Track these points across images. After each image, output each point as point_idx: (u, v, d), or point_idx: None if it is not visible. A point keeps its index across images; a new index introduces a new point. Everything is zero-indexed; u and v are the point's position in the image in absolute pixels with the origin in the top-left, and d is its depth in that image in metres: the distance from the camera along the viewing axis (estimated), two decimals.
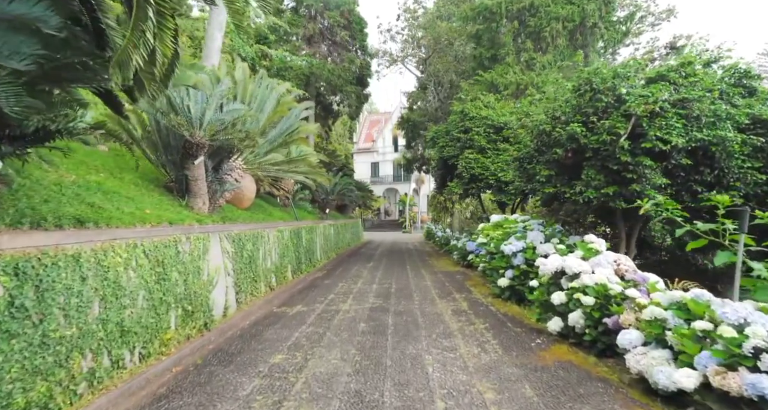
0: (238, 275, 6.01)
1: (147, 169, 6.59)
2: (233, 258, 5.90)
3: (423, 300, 6.76)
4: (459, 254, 11.85)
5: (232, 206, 7.89)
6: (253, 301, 6.45)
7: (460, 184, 10.99)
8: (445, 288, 7.91)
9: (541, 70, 12.89)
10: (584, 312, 4.00)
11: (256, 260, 6.83)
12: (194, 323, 4.59)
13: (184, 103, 5.15)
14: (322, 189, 14.80)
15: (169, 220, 4.65)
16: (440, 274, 9.97)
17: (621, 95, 5.34)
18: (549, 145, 6.09)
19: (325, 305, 6.51)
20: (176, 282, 4.27)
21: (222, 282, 5.49)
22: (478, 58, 14.73)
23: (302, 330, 5.01)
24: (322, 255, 12.48)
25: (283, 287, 7.97)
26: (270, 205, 10.96)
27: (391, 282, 8.67)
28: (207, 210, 6.15)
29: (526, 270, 6.27)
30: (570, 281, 4.40)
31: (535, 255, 6.24)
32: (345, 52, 20.37)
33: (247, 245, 6.45)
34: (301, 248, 9.94)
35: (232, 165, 6.54)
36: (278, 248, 8.19)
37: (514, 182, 6.94)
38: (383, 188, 43.74)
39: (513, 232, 7.38)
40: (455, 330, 4.94)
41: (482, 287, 7.99)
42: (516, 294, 6.46)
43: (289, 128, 6.43)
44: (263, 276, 7.17)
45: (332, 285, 8.50)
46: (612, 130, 5.15)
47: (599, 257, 4.41)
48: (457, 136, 11.25)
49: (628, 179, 5.26)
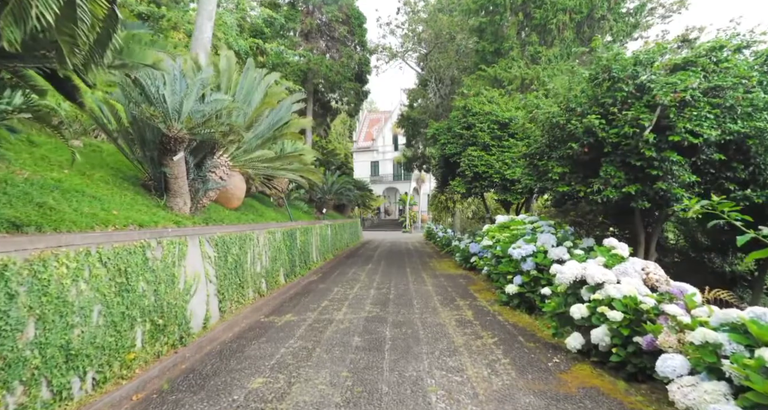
0: (222, 282, 5.49)
1: (126, 165, 6.07)
2: (216, 263, 5.37)
3: (424, 308, 6.24)
4: (461, 256, 11.33)
5: (219, 206, 7.37)
6: (239, 310, 5.93)
7: (463, 182, 10.46)
8: (447, 294, 7.38)
9: (547, 64, 12.36)
10: (610, 328, 3.47)
11: (244, 264, 6.31)
12: (166, 338, 4.07)
13: (159, 91, 4.62)
14: (319, 188, 14.28)
15: (139, 222, 4.12)
16: (442, 278, 9.44)
17: (643, 84, 4.81)
18: (562, 140, 5.56)
19: (317, 314, 5.99)
20: (144, 294, 3.74)
21: (202, 291, 4.97)
22: (481, 52, 14.18)
23: (289, 345, 4.49)
24: (318, 257, 11.96)
25: (275, 292, 7.46)
26: (263, 205, 10.44)
27: (389, 287, 8.15)
28: (188, 210, 5.63)
29: (537, 277, 5.74)
30: (592, 292, 3.88)
31: (546, 259, 5.72)
32: (343, 47, 19.83)
33: (233, 248, 5.93)
34: (295, 250, 9.42)
35: (217, 162, 6.02)
36: (269, 251, 7.67)
37: (523, 180, 6.41)
38: (383, 187, 43.23)
39: (521, 234, 6.85)
40: (461, 345, 4.42)
41: (487, 293, 7.46)
42: (525, 301, 5.94)
43: (279, 121, 5.90)
44: (252, 282, 6.65)
45: (327, 290, 7.98)
46: (635, 121, 4.62)
47: (625, 264, 3.88)
48: (459, 132, 10.72)
49: (652, 176, 4.73)
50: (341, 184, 15.14)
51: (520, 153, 6.25)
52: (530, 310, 5.89)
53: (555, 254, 5.68)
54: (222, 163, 6.06)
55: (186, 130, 5.08)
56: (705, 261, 9.65)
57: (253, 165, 6.30)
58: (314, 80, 18.79)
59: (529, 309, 5.92)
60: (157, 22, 12.10)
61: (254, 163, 6.26)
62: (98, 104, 5.30)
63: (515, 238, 6.79)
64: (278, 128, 5.75)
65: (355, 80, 20.66)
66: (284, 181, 10.29)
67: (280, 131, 5.70)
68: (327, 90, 22.49)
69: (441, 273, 10.24)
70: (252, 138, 6.05)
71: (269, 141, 5.87)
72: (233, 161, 6.25)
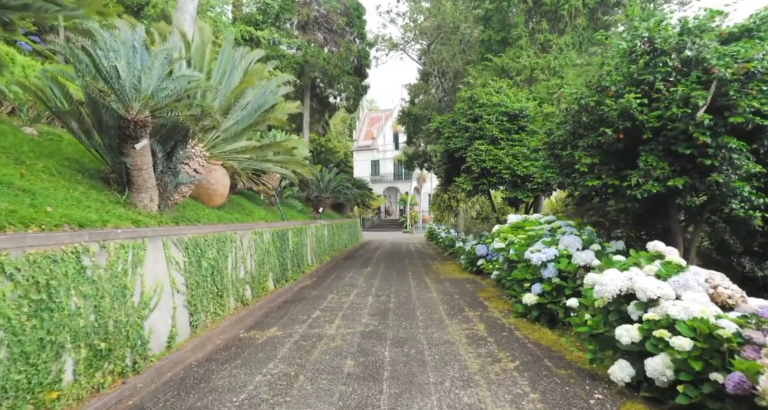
0: (194, 291, 4.70)
1: (87, 156, 5.29)
2: (186, 269, 4.58)
3: (429, 321, 5.45)
4: (467, 259, 10.53)
5: (199, 204, 6.58)
6: (216, 323, 5.14)
7: (469, 179, 9.66)
8: (454, 303, 6.59)
9: (558, 53, 11.56)
10: (675, 359, 2.68)
11: (223, 270, 5.52)
12: (112, 366, 3.28)
13: (109, 62, 3.83)
14: (315, 186, 13.50)
15: (80, 222, 3.33)
16: (447, 283, 8.65)
17: (690, 58, 4.01)
18: (590, 126, 4.77)
19: (306, 327, 5.20)
20: (77, 312, 2.96)
21: (167, 303, 4.18)
22: (487, 42, 13.38)
23: (268, 371, 3.70)
24: (313, 259, 11.18)
25: (262, 300, 6.67)
26: (252, 203, 9.66)
27: (389, 294, 7.36)
28: (155, 208, 4.84)
29: (560, 285, 4.95)
30: (642, 309, 3.08)
31: (571, 265, 4.93)
32: (341, 39, 19.04)
33: (209, 252, 5.14)
34: (287, 253, 8.63)
35: (190, 152, 5.23)
36: (255, 254, 6.88)
37: (539, 174, 5.59)
38: (383, 187, 42.48)
39: (538, 236, 6.06)
40: (476, 371, 3.63)
41: (499, 301, 6.66)
42: (546, 313, 5.15)
43: (263, 106, 5.12)
44: (233, 290, 5.86)
45: (320, 297, 7.19)
46: (685, 100, 3.82)
47: (684, 275, 3.09)
48: (465, 124, 9.92)
49: (704, 167, 3.93)
50: (338, 181, 14.34)
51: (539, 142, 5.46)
52: (551, 323, 5.11)
53: (581, 259, 4.88)
54: (197, 153, 5.27)
55: (148, 112, 4.29)
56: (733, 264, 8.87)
57: (234, 156, 5.51)
58: (311, 74, 17.98)
59: (550, 321, 5.14)
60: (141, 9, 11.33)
61: (235, 155, 5.47)
62: (47, 82, 4.51)
63: (532, 240, 6.00)
64: (261, 114, 4.96)
65: (355, 74, 19.86)
66: (276, 177, 9.50)
67: (264, 117, 4.91)
68: (325, 85, 21.70)
69: (445, 277, 9.45)
70: (232, 125, 5.26)
71: (250, 128, 5.07)
72: (211, 152, 5.46)
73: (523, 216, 7.25)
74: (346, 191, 15.69)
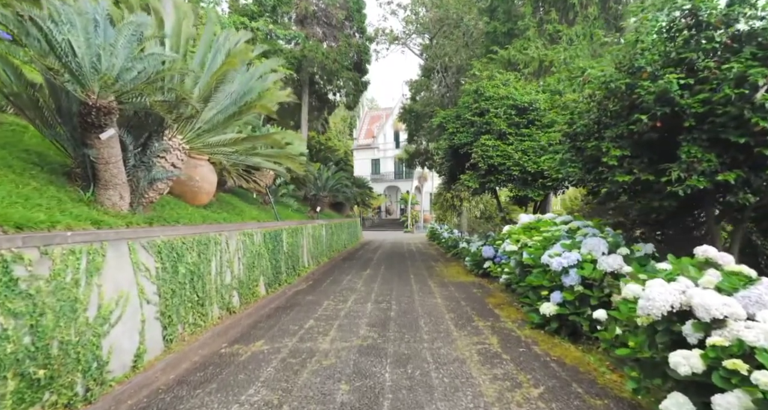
0: (168, 301, 4.14)
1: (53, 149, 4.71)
2: (159, 276, 4.02)
3: (434, 333, 4.88)
4: (472, 261, 9.95)
5: (182, 203, 6.02)
6: (196, 335, 4.58)
7: (475, 176, 9.08)
8: (461, 311, 6.01)
9: (569, 44, 10.98)
10: (757, 400, 2.10)
11: (205, 276, 4.96)
12: (55, 397, 2.71)
13: (63, 36, 3.26)
14: (313, 184, 12.93)
15: (18, 222, 2.77)
16: (452, 287, 8.08)
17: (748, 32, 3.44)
18: (618, 114, 4.19)
19: (297, 340, 4.63)
20: (2, 335, 2.39)
21: (133, 316, 3.62)
22: (492, 34, 12.79)
23: (247, 399, 3.13)
24: (310, 261, 10.61)
25: (251, 307, 6.11)
26: (245, 202, 9.10)
27: (390, 300, 6.79)
28: (126, 206, 4.27)
29: (584, 294, 4.37)
30: (703, 331, 2.50)
31: (596, 272, 4.35)
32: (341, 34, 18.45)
33: (188, 256, 4.57)
34: (281, 254, 8.07)
35: (167, 144, 4.65)
36: (244, 257, 6.32)
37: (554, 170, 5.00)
38: (384, 186, 41.93)
39: (555, 238, 5.48)
40: (493, 400, 3.05)
41: (511, 309, 6.09)
42: (567, 325, 4.57)
43: (249, 93, 4.54)
44: (217, 297, 5.30)
45: (315, 303, 6.62)
46: (741, 80, 3.24)
47: (758, 289, 2.51)
48: (470, 119, 9.34)
49: (762, 158, 3.35)
50: (337, 179, 13.76)
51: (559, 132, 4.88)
52: (574, 337, 4.53)
53: (608, 265, 4.30)
54: (175, 146, 4.69)
55: (113, 97, 3.72)
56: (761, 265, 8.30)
57: (218, 150, 4.93)
58: (309, 69, 17.39)
59: (572, 335, 4.56)
60: None
61: (220, 148, 4.89)
62: None
63: (548, 243, 5.42)
64: (247, 103, 4.38)
65: (354, 70, 19.27)
66: (269, 174, 8.93)
67: (250, 105, 4.32)
68: (325, 82, 21.12)
69: (450, 281, 8.87)
70: (215, 115, 4.68)
71: (235, 118, 4.49)
72: (192, 144, 4.89)
73: (536, 216, 6.67)
74: (345, 190, 15.11)
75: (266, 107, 4.19)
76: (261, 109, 4.25)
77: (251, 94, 4.61)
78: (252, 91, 4.63)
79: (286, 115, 21.27)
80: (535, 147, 8.42)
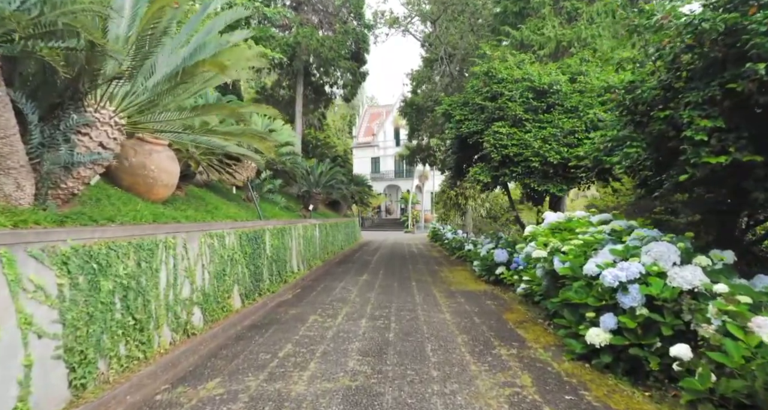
0: (81, 330, 2.99)
1: None
2: (63, 297, 2.86)
3: (446, 366, 3.73)
4: (481, 266, 8.81)
5: (133, 197, 4.87)
6: (129, 372, 3.43)
7: (487, 169, 7.93)
8: (476, 331, 4.86)
9: (588, 23, 9.84)
10: None
11: (148, 291, 3.81)
12: None
13: None
14: (305, 180, 11.78)
15: None
16: (460, 297, 6.93)
17: None
18: (705, 73, 3.03)
19: (264, 378, 3.48)
20: None
21: (10, 358, 2.47)
22: (502, 14, 11.65)
23: None
24: (301, 265, 9.48)
25: (219, 325, 4.97)
26: (222, 198, 7.94)
27: (389, 315, 5.64)
28: (28, 199, 3.13)
29: (651, 320, 3.22)
30: None
31: (668, 290, 3.20)
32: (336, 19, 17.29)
33: (118, 266, 3.43)
34: (262, 259, 6.92)
35: (92, 117, 3.49)
36: (211, 263, 5.18)
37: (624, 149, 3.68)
38: (384, 185, 40.81)
39: (598, 242, 4.33)
40: None
41: (537, 328, 4.94)
42: (625, 360, 3.42)
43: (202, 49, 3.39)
44: (169, 317, 4.15)
45: (298, 319, 5.48)
46: None
47: None
48: (480, 104, 8.18)
49: None
50: (331, 175, 12.61)
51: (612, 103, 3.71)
52: (633, 374, 3.38)
53: (685, 280, 3.16)
54: (103, 119, 3.54)
55: None
56: None
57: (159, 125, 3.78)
58: (303, 57, 16.22)
59: (630, 372, 3.41)
60: None
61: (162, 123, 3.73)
62: None
63: (590, 248, 4.27)
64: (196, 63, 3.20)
65: (352, 59, 18.11)
66: (251, 166, 7.79)
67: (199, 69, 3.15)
68: (321, 74, 19.96)
69: (457, 289, 7.72)
70: (161, 81, 3.53)
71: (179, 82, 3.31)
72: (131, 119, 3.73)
73: (564, 214, 5.52)
74: (341, 186, 13.95)
75: (221, 64, 3.04)
76: (215, 67, 3.10)
77: (205, 51, 3.47)
78: (206, 47, 3.49)
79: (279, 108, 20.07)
80: (557, 134, 7.26)
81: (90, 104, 3.46)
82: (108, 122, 3.58)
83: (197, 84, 3.62)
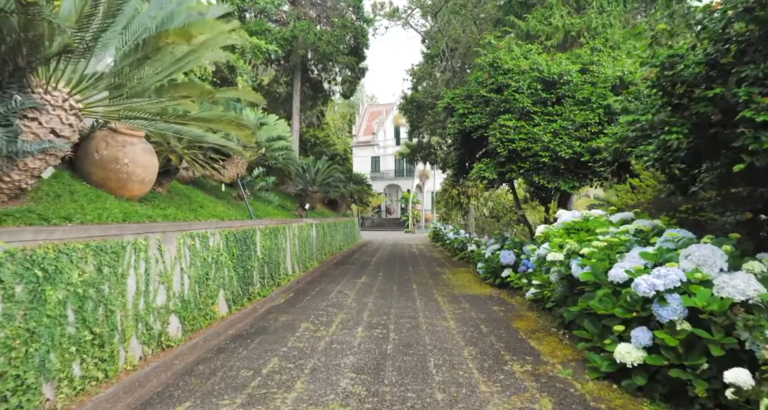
0: (19, 350, 2.50)
1: None
2: None
3: (452, 385, 3.24)
4: (486, 268, 8.33)
5: (103, 194, 4.39)
6: (85, 395, 2.95)
7: (492, 164, 7.43)
8: (485, 342, 4.37)
9: (599, 12, 9.35)
10: None
11: (112, 299, 3.33)
12: None
13: None
14: (301, 178, 11.29)
15: None
16: (465, 302, 6.45)
17: None
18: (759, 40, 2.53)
19: (239, 405, 2.99)
20: None
21: None
22: (506, 5, 11.15)
23: None
24: (296, 267, 9.00)
25: (199, 335, 4.49)
26: (211, 195, 7.46)
27: (387, 323, 5.16)
28: None
29: (695, 336, 2.74)
30: None
31: (716, 302, 2.70)
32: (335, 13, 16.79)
33: (72, 272, 2.94)
34: (252, 262, 6.44)
35: (41, 100, 3.00)
36: (192, 267, 4.69)
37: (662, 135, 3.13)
38: (384, 184, 40.33)
39: (623, 244, 3.84)
40: None
41: (551, 339, 4.45)
42: (663, 382, 2.93)
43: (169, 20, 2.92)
44: (138, 328, 3.67)
45: (289, 327, 4.99)
46: None
47: None
48: (486, 96, 7.69)
49: None
50: (328, 172, 12.12)
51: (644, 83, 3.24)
52: (673, 399, 2.89)
53: (736, 289, 2.66)
54: (55, 102, 3.05)
55: None
56: None
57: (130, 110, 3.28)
58: (300, 51, 15.72)
59: (668, 396, 2.92)
60: None
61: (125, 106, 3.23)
62: None
63: (614, 251, 3.78)
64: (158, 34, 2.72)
65: (351, 54, 17.61)
66: (241, 162, 7.30)
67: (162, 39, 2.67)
68: (319, 70, 19.48)
69: (461, 293, 7.23)
70: (121, 56, 3.04)
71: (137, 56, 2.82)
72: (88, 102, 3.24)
73: (581, 212, 5.03)
74: (339, 185, 13.46)
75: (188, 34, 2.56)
76: (181, 37, 2.62)
77: (173, 22, 2.99)
78: (174, 18, 3.01)
79: (276, 104, 19.64)
80: (569, 127, 6.77)
81: (38, 84, 2.98)
82: (61, 105, 3.09)
83: (166, 63, 3.13)
